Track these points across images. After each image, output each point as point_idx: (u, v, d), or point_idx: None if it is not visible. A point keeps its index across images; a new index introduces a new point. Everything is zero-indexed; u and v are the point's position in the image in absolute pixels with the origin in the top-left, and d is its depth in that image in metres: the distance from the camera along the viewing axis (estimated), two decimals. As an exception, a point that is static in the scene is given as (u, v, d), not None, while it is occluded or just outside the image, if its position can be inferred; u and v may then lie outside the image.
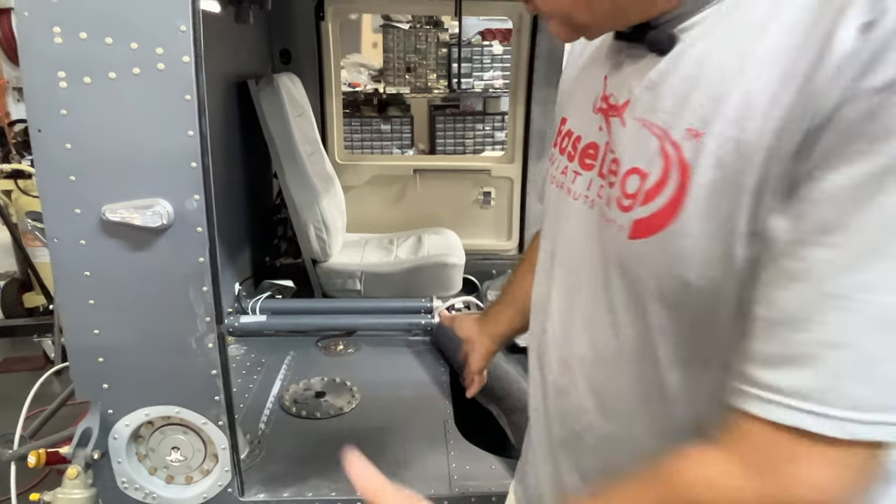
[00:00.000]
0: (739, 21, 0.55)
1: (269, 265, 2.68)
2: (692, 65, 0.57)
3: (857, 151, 0.45)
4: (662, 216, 0.57)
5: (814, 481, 0.49)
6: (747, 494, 0.51)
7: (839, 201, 0.46)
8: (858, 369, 0.46)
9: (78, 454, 1.22)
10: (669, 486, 0.56)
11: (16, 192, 3.61)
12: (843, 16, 0.46)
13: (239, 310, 2.09)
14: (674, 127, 0.57)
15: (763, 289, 0.52)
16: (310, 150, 2.49)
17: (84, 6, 1.06)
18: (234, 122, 2.32)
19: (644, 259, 0.60)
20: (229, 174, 2.30)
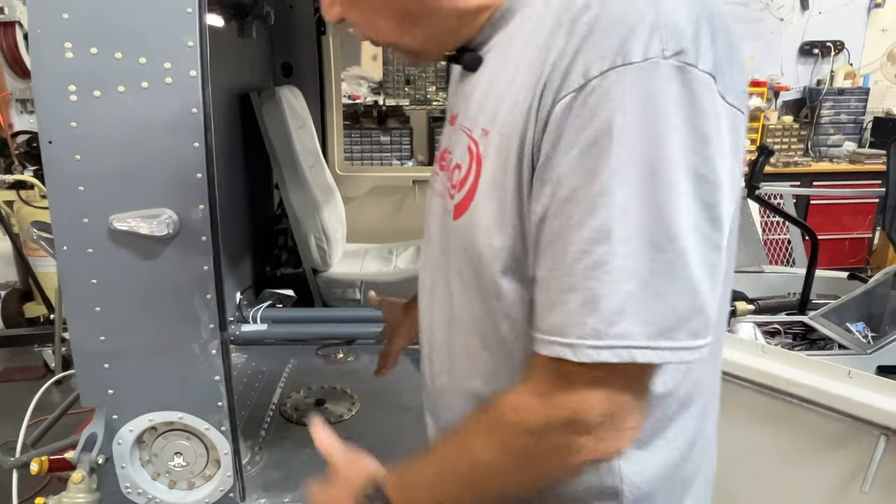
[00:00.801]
0: (516, 42, 0.67)
1: (269, 275, 2.69)
2: (487, 79, 0.70)
3: (567, 140, 0.57)
4: (467, 199, 0.69)
5: (584, 400, 0.59)
6: (539, 416, 0.61)
7: (567, 177, 0.57)
8: (586, 306, 0.56)
9: (83, 459, 1.23)
10: (491, 414, 0.67)
11: (18, 203, 3.63)
12: (555, 37, 0.59)
13: (240, 318, 2.10)
14: (475, 128, 0.70)
15: (536, 254, 0.62)
16: (311, 161, 2.51)
17: (95, 22, 1.09)
18: (237, 133, 2.35)
19: (460, 234, 0.72)
20: (232, 185, 2.31)
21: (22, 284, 4.02)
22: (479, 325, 0.74)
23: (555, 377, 0.60)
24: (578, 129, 0.56)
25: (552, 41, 0.59)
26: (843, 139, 4.65)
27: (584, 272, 0.56)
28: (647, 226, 0.55)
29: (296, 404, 1.77)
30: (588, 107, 0.55)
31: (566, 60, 0.57)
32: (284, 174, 2.34)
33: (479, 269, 0.69)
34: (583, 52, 0.56)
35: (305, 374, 1.96)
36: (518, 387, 0.65)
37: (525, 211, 0.63)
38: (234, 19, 2.15)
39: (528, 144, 0.61)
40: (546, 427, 0.61)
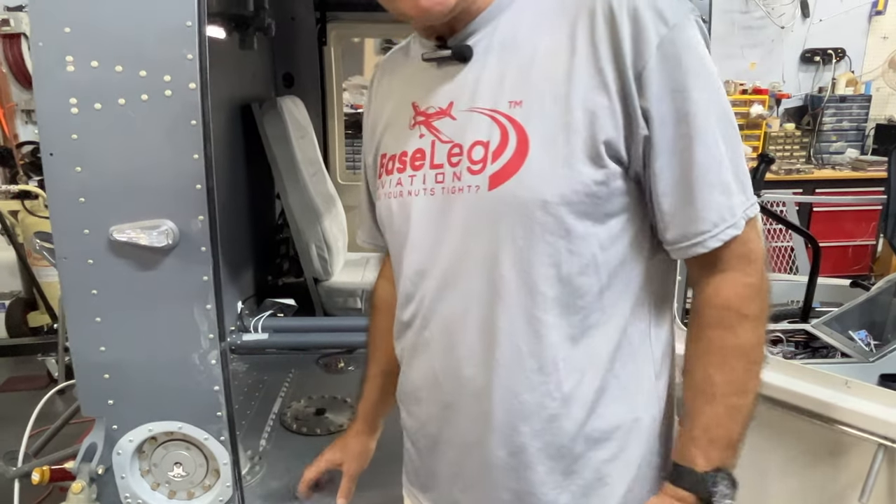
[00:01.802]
0: (521, 35, 0.78)
1: (271, 284, 2.70)
2: (494, 66, 0.79)
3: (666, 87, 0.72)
4: (514, 163, 0.75)
5: (761, 249, 0.79)
6: (760, 273, 0.78)
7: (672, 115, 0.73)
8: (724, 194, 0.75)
9: (82, 469, 1.22)
10: (724, 340, 0.78)
11: (22, 213, 3.66)
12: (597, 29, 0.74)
13: (241, 328, 2.11)
14: (498, 105, 0.77)
15: (656, 180, 0.75)
16: (312, 170, 2.53)
17: (96, 36, 1.10)
18: (238, 143, 2.36)
19: (508, 198, 0.76)
20: (233, 195, 2.33)
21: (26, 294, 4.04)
22: (533, 281, 0.77)
23: (739, 256, 0.77)
24: (671, 77, 0.72)
25: (593, 27, 0.73)
26: (845, 146, 4.65)
27: (717, 170, 0.74)
28: (729, 135, 0.75)
29: (296, 414, 1.77)
30: (667, 58, 0.71)
31: (627, 33, 0.71)
32: (286, 183, 2.36)
33: (547, 219, 0.75)
34: (642, 26, 0.71)
35: (306, 384, 1.97)
36: (715, 297, 0.79)
37: (610, 145, 0.74)
38: (236, 31, 2.17)
39: (617, 94, 0.72)
40: (766, 289, 0.79)
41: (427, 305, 0.86)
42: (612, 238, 0.78)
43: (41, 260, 3.66)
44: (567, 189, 0.74)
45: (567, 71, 0.74)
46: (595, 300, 0.79)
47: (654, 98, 0.72)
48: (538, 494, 0.83)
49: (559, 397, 0.80)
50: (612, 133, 0.73)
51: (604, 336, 0.80)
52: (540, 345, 0.79)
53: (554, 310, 0.78)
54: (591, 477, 0.83)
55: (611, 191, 0.75)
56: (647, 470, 0.85)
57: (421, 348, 0.89)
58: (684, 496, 0.79)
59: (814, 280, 2.43)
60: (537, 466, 0.83)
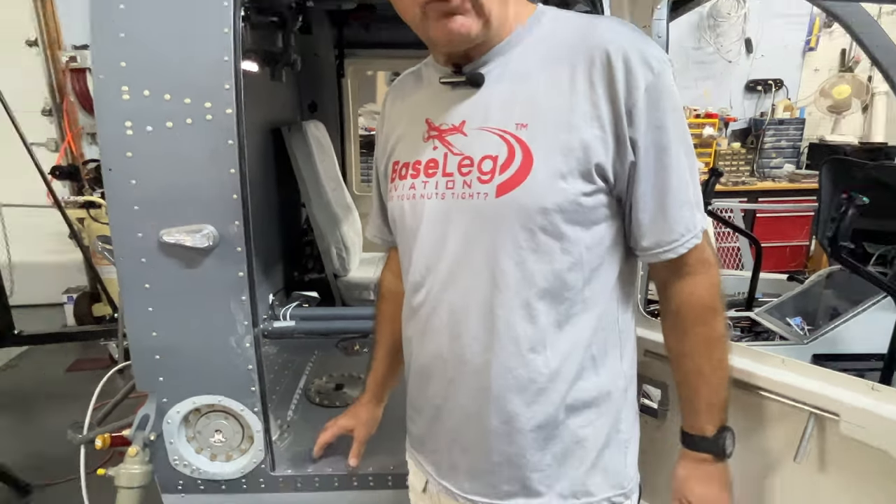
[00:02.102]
0: (532, 69, 0.79)
1: (297, 279, 2.69)
2: (504, 93, 0.79)
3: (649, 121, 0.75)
4: (519, 176, 0.76)
5: (714, 253, 0.84)
6: (716, 286, 0.83)
7: (653, 146, 0.76)
8: (690, 211, 0.79)
9: (137, 436, 1.23)
10: (701, 328, 0.83)
11: (88, 220, 3.64)
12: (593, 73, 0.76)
13: (272, 316, 2.10)
14: (507, 125, 0.78)
15: (638, 198, 0.78)
16: (332, 184, 2.53)
17: (148, 70, 1.10)
18: (270, 161, 2.36)
19: (512, 205, 0.76)
20: (265, 204, 2.32)
21: (91, 288, 4.04)
22: (530, 274, 0.78)
23: (701, 261, 0.82)
24: (654, 114, 0.75)
25: (591, 70, 0.75)
26: (783, 162, 4.65)
27: (685, 191, 0.78)
28: (692, 163, 0.79)
29: (319, 389, 1.76)
30: (653, 99, 0.74)
31: (622, 78, 0.73)
32: (310, 195, 2.36)
33: (545, 224, 0.76)
34: (633, 73, 0.73)
35: (327, 363, 1.96)
36: (688, 297, 0.83)
37: (600, 168, 0.76)
38: (267, 65, 2.17)
39: (610, 126, 0.75)
40: (721, 282, 0.84)
41: (434, 294, 0.85)
42: (596, 242, 0.80)
43: (103, 260, 3.66)
44: (562, 199, 0.75)
45: (568, 103, 0.75)
46: (578, 293, 0.80)
47: (640, 131, 0.74)
48: (527, 456, 0.83)
49: (547, 373, 0.80)
50: (602, 158, 0.75)
51: (583, 322, 0.81)
52: (533, 328, 0.79)
53: (545, 299, 0.79)
54: (569, 440, 0.83)
55: (595, 203, 0.77)
56: (614, 435, 0.85)
57: (429, 332, 0.88)
58: (705, 457, 0.87)
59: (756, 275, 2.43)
60: (527, 433, 0.82)
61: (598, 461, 0.84)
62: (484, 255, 0.79)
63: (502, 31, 0.80)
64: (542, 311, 0.79)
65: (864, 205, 1.75)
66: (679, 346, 0.86)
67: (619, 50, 0.73)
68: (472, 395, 0.84)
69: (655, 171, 0.76)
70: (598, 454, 0.84)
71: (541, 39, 0.80)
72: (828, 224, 1.76)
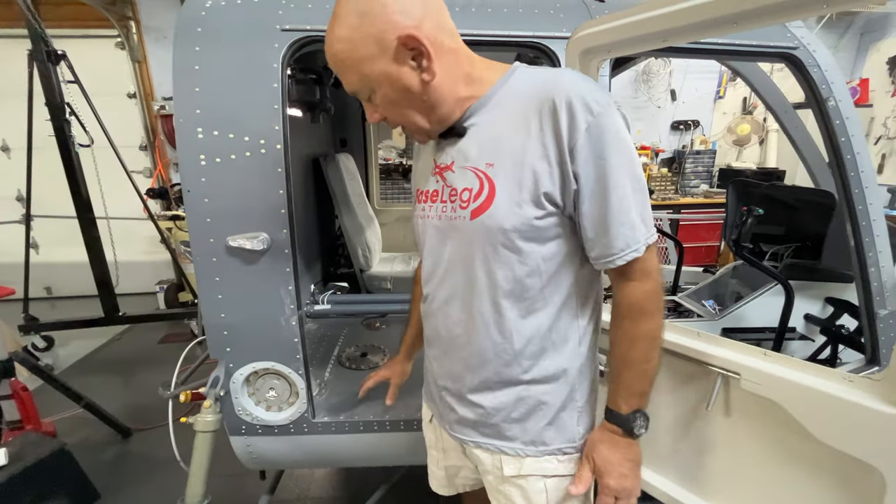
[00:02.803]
0: (498, 119, 0.75)
1: (332, 273, 2.69)
2: (479, 139, 0.76)
3: (589, 156, 0.70)
4: (486, 204, 0.74)
5: (655, 265, 0.75)
6: (656, 289, 0.75)
7: (593, 176, 0.70)
8: (632, 227, 0.72)
9: (210, 393, 1.22)
10: (635, 325, 0.75)
11: (174, 229, 3.64)
12: (543, 116, 0.72)
13: (313, 301, 2.09)
14: (479, 165, 0.75)
15: (583, 218, 0.73)
16: (358, 200, 2.51)
17: (216, 116, 1.09)
18: (311, 184, 2.34)
19: (481, 226, 0.75)
20: (307, 216, 2.31)
21: (176, 280, 4.02)
22: (496, 279, 0.77)
23: (640, 271, 0.74)
24: (594, 150, 0.69)
25: (541, 117, 0.71)
26: (699, 183, 4.63)
27: (626, 213, 0.71)
28: (637, 188, 0.71)
29: (349, 356, 1.75)
30: (593, 138, 0.69)
31: (565, 121, 0.69)
32: (341, 209, 2.34)
33: (504, 241, 0.74)
34: (575, 117, 0.68)
35: (354, 337, 1.95)
36: (626, 298, 0.75)
37: (549, 196, 0.72)
38: (309, 111, 2.16)
39: (554, 162, 0.71)
40: (661, 292, 0.75)
41: (433, 289, 0.85)
42: (552, 254, 0.76)
43: (185, 258, 3.66)
44: (518, 222, 0.72)
45: (523, 145, 0.72)
46: (538, 293, 0.77)
47: (581, 165, 0.70)
48: (502, 412, 0.82)
49: (512, 353, 0.79)
50: (549, 188, 0.71)
51: (543, 316, 0.78)
52: (500, 319, 0.78)
53: (509, 298, 0.77)
54: (533, 402, 0.82)
55: (548, 224, 0.74)
56: (570, 402, 0.83)
57: (429, 315, 0.88)
58: (615, 429, 0.79)
59: (679, 268, 2.43)
60: (499, 395, 0.82)
61: (554, 420, 0.82)
62: (463, 263, 0.78)
63: (472, 96, 0.76)
64: (507, 306, 0.77)
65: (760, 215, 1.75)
66: (612, 335, 0.79)
67: (564, 98, 0.69)
68: (457, 363, 0.84)
69: (596, 196, 0.71)
70: (554, 415, 0.82)
71: (509, 94, 0.76)
72: (733, 229, 1.75)
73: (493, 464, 0.85)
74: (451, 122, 0.77)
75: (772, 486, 0.92)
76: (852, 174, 1.15)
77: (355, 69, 0.70)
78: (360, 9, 0.66)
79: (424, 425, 1.05)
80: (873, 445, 0.73)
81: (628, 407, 0.77)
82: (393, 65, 0.69)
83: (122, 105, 4.03)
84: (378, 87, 0.71)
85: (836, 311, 1.76)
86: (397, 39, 0.67)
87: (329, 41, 0.70)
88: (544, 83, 0.72)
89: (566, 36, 1.14)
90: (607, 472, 0.77)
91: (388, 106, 0.74)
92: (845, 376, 0.79)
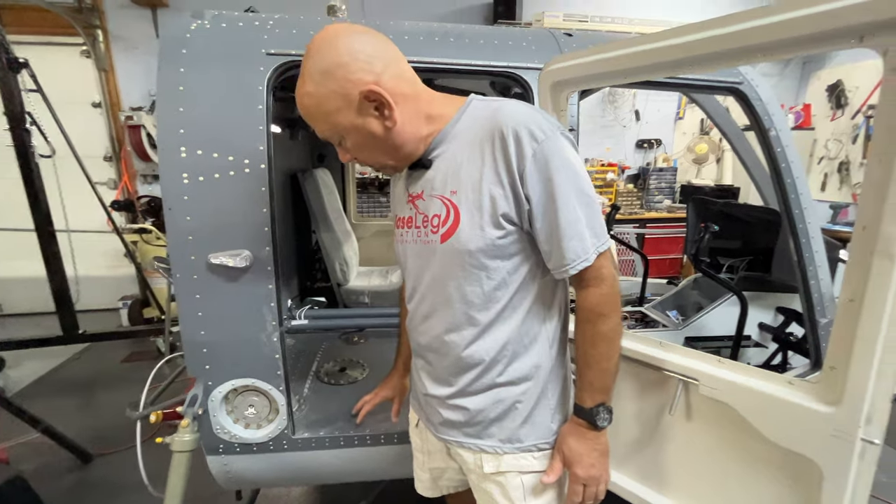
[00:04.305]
0: (456, 151, 0.81)
1: (309, 287, 2.67)
2: (443, 169, 0.81)
3: (538, 179, 0.75)
4: (452, 228, 0.80)
5: (609, 272, 0.79)
6: (613, 294, 0.80)
7: (542, 196, 0.75)
8: (581, 240, 0.77)
9: (188, 412, 1.20)
10: (595, 326, 0.80)
11: (140, 242, 3.53)
12: (495, 148, 0.77)
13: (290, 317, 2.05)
14: (444, 193, 0.81)
15: (536, 230, 0.78)
16: (335, 215, 2.52)
17: (199, 135, 1.10)
18: (289, 199, 2.34)
19: (453, 248, 0.80)
20: (285, 231, 2.30)
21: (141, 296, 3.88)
22: (467, 295, 0.83)
23: (594, 277, 0.79)
24: (540, 173, 0.74)
25: (493, 146, 0.76)
26: (663, 198, 4.86)
27: (574, 226, 0.76)
28: (584, 203, 0.76)
29: (327, 371, 1.75)
30: (539, 162, 0.74)
31: (513, 149, 0.74)
32: (319, 224, 2.35)
33: (471, 261, 0.80)
34: (521, 145, 0.74)
35: (332, 352, 1.95)
36: (583, 303, 0.81)
37: (506, 216, 0.77)
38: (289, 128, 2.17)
39: (507, 186, 0.76)
40: (615, 295, 0.80)
41: (415, 306, 0.91)
42: (515, 267, 0.81)
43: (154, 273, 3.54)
44: (482, 243, 0.78)
45: (479, 173, 0.77)
46: (507, 303, 0.82)
47: (530, 187, 0.75)
48: (482, 413, 0.87)
49: (488, 359, 0.84)
50: (506, 209, 0.77)
51: (513, 323, 0.84)
52: (474, 328, 0.83)
53: (481, 310, 0.82)
54: (509, 402, 0.86)
55: (509, 241, 0.79)
56: (543, 400, 0.88)
57: (413, 329, 0.94)
58: (581, 423, 0.84)
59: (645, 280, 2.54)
60: (479, 398, 0.86)
61: (528, 418, 0.87)
62: (439, 281, 0.84)
63: (433, 131, 0.82)
64: (478, 317, 0.83)
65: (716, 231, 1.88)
66: (576, 337, 0.84)
67: (511, 129, 0.74)
68: (442, 372, 0.89)
69: (547, 214, 0.76)
70: (529, 413, 0.87)
71: (465, 127, 0.81)
72: (692, 244, 1.87)
73: (474, 462, 0.89)
74: (416, 157, 0.83)
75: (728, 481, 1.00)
76: (792, 196, 1.27)
77: (324, 120, 0.76)
78: (325, 67, 0.72)
79: (411, 430, 1.08)
80: (812, 441, 0.82)
81: (592, 401, 0.82)
82: (358, 117, 0.75)
83: (86, 114, 3.90)
84: (346, 134, 0.78)
85: (786, 320, 1.89)
86: (360, 94, 0.73)
87: (299, 95, 0.76)
88: (493, 115, 0.78)
89: (538, 67, 1.23)
90: (576, 462, 0.83)
91: (358, 150, 0.81)
92: (788, 380, 0.88)
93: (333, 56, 0.72)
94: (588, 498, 0.83)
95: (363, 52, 0.73)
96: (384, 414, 1.30)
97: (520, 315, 0.84)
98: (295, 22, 1.20)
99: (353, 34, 0.74)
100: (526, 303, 0.84)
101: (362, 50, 0.73)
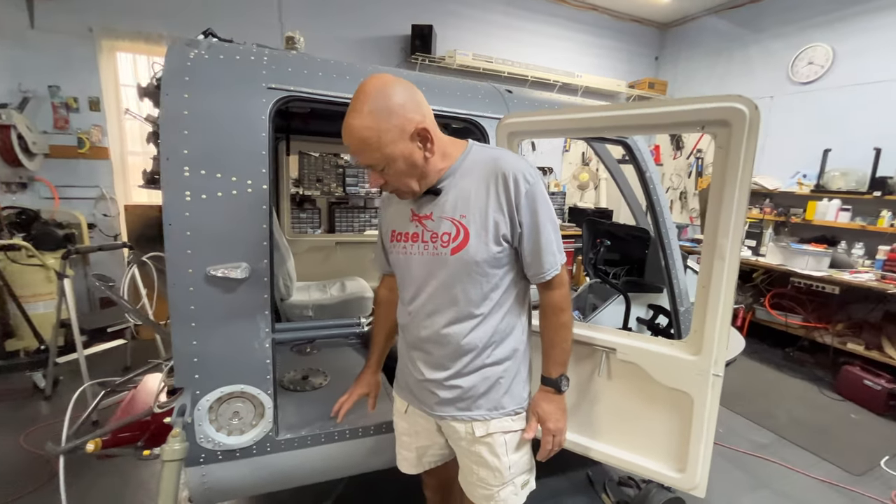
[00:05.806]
0: (463, 184, 1.01)
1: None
2: (452, 197, 1.01)
3: (527, 210, 0.99)
4: (462, 244, 0.99)
5: (566, 278, 1.05)
6: (567, 294, 1.06)
7: (530, 223, 0.99)
8: (552, 255, 1.02)
9: (177, 421, 1.20)
10: (557, 317, 1.07)
11: (5, 261, 3.01)
12: (498, 184, 1.01)
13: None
14: (455, 216, 1.00)
15: (522, 246, 1.01)
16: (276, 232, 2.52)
17: (203, 156, 1.17)
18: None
19: (461, 260, 0.99)
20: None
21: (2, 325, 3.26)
22: (470, 295, 1.01)
23: (557, 282, 1.04)
24: (530, 207, 0.98)
25: (497, 185, 0.98)
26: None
27: (549, 246, 1.00)
28: (555, 229, 1.01)
29: (290, 380, 1.79)
30: (529, 199, 0.97)
31: (512, 188, 0.97)
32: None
33: (476, 269, 1.00)
34: (518, 185, 0.97)
35: (289, 363, 1.98)
36: (550, 301, 1.05)
37: (505, 236, 0.99)
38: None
39: (507, 215, 0.98)
40: (569, 295, 1.05)
41: (418, 306, 1.08)
42: (505, 274, 1.04)
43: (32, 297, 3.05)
44: (486, 255, 0.99)
45: (485, 203, 0.99)
46: (497, 301, 1.04)
47: (522, 215, 0.98)
48: (474, 389, 1.08)
49: (480, 345, 1.05)
50: (505, 231, 0.99)
51: (498, 315, 1.05)
52: (472, 321, 1.04)
53: (479, 306, 1.03)
54: (494, 379, 1.08)
55: (504, 255, 1.01)
56: (518, 375, 1.10)
57: (414, 326, 1.11)
58: (549, 389, 1.09)
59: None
60: (472, 377, 1.08)
61: (508, 390, 1.09)
62: (446, 285, 1.02)
63: (445, 167, 1.01)
64: (476, 312, 1.03)
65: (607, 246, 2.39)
66: (541, 325, 1.07)
67: (510, 173, 0.97)
68: (443, 359, 1.08)
69: (532, 236, 0.99)
70: (509, 386, 1.08)
71: (470, 166, 1.02)
72: (589, 256, 2.34)
73: (466, 431, 1.10)
74: (430, 186, 1.03)
75: (639, 420, 1.40)
76: (661, 219, 1.80)
77: (378, 149, 0.92)
78: (386, 106, 0.91)
79: (397, 417, 1.25)
80: (685, 380, 1.25)
81: (556, 373, 1.08)
82: (408, 148, 0.95)
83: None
84: (393, 162, 0.95)
85: (655, 314, 2.47)
86: (415, 129, 0.95)
87: (355, 128, 0.91)
88: (496, 161, 1.00)
89: (489, 115, 1.56)
90: (547, 419, 1.10)
91: (397, 175, 0.97)
92: (671, 343, 1.32)
93: (394, 98, 0.91)
94: (556, 445, 1.11)
95: (413, 99, 0.93)
96: (361, 411, 1.43)
97: (504, 310, 1.05)
98: (287, 59, 1.34)
99: (401, 82, 0.93)
100: (509, 301, 1.06)
101: (412, 97, 0.93)
